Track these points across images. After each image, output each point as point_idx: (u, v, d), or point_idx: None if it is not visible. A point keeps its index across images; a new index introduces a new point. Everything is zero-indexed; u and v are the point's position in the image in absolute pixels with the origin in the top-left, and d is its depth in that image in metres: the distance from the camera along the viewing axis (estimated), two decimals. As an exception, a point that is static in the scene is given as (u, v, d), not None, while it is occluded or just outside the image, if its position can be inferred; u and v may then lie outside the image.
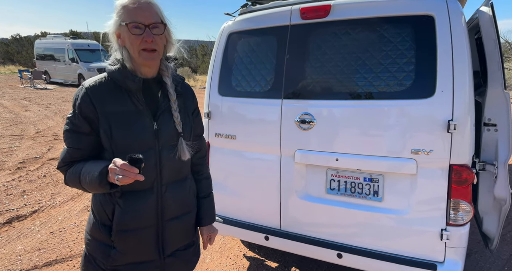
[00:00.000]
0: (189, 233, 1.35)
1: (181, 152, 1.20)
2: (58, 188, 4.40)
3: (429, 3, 1.81)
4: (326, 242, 2.11)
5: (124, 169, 0.95)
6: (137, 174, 0.96)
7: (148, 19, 1.06)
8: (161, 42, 1.12)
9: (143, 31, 1.06)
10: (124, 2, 1.07)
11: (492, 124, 2.01)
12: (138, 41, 1.06)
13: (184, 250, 1.33)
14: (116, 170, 0.96)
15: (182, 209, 1.28)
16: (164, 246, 1.24)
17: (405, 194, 1.90)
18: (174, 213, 1.25)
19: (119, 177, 0.95)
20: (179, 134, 1.20)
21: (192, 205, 1.34)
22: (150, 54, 1.09)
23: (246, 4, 2.52)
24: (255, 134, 2.25)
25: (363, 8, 1.94)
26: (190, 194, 1.33)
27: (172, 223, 1.25)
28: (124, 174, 0.95)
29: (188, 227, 1.34)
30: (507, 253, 2.86)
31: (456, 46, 1.73)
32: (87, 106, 1.09)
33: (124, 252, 1.18)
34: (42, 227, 3.37)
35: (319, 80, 2.07)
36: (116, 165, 0.97)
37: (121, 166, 0.95)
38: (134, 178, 0.96)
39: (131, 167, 0.95)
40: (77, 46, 17.96)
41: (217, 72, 2.42)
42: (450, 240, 1.81)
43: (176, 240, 1.28)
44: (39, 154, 5.86)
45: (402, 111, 1.83)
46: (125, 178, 0.95)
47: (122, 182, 0.96)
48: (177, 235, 1.28)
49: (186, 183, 1.30)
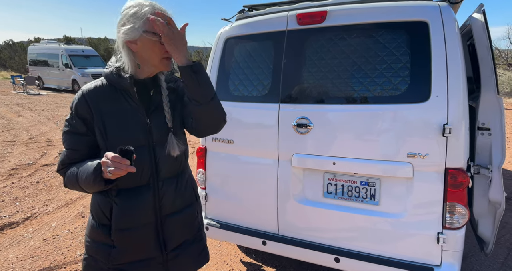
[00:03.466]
0: (192, 227, 1.34)
1: (171, 148, 1.22)
2: (51, 194, 4.33)
3: (423, 9, 1.84)
4: (324, 247, 2.10)
5: (116, 161, 0.96)
6: (128, 165, 0.97)
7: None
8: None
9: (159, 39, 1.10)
10: (144, 11, 1.08)
11: (486, 128, 2.05)
12: (160, 50, 1.12)
13: (189, 246, 1.32)
14: (108, 162, 0.98)
15: (181, 203, 1.29)
16: (166, 242, 1.24)
17: (401, 198, 1.92)
18: (174, 207, 1.26)
19: (111, 169, 0.96)
20: (169, 129, 1.22)
21: (191, 198, 1.34)
22: (169, 62, 1.17)
23: (243, 10, 2.54)
24: (252, 139, 2.26)
25: (358, 14, 1.98)
26: (189, 187, 1.33)
27: (172, 218, 1.25)
28: (115, 165, 0.96)
29: (190, 221, 1.33)
30: (502, 256, 2.88)
31: (450, 52, 1.77)
32: (82, 107, 1.14)
33: (124, 250, 1.18)
34: (35, 234, 3.30)
35: (316, 85, 2.09)
36: (108, 158, 0.98)
37: (112, 158, 0.97)
38: (125, 170, 0.97)
39: (122, 159, 0.97)
40: (71, 52, 17.88)
41: (214, 77, 2.43)
42: (447, 243, 1.82)
43: (178, 235, 1.28)
44: (32, 160, 5.78)
45: (398, 116, 1.85)
46: (117, 170, 0.96)
47: (114, 174, 0.97)
48: (179, 230, 1.28)
49: (184, 177, 1.31)
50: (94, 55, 19.01)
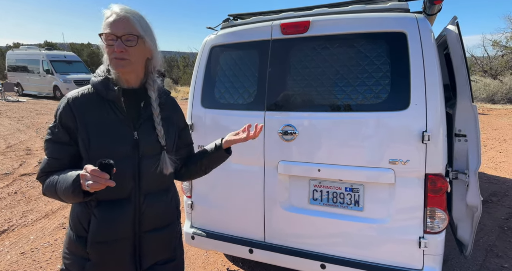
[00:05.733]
0: (170, 247, 1.32)
1: (163, 165, 1.21)
2: (30, 205, 4.18)
3: (401, 21, 1.92)
4: (310, 253, 2.12)
5: (95, 175, 0.94)
6: (107, 180, 0.95)
7: (121, 31, 1.10)
8: (136, 53, 1.14)
9: (116, 41, 1.10)
10: (106, 15, 1.13)
11: (462, 135, 2.13)
12: (110, 51, 1.12)
13: (164, 265, 1.29)
14: (86, 176, 0.96)
15: (162, 220, 1.26)
16: (142, 259, 1.22)
17: (384, 203, 1.96)
18: (153, 224, 1.23)
19: (89, 182, 0.94)
20: (162, 147, 1.21)
21: (173, 217, 1.32)
22: (119, 62, 1.12)
23: (228, 19, 2.57)
24: (238, 146, 2.26)
25: (340, 25, 2.04)
26: (172, 205, 1.32)
27: (150, 235, 1.23)
28: (94, 179, 0.94)
29: (169, 240, 1.31)
30: (480, 258, 2.97)
31: (427, 61, 1.84)
32: (67, 116, 1.12)
33: (99, 264, 1.16)
34: (12, 247, 3.17)
35: (301, 93, 2.12)
36: (87, 171, 0.96)
37: (91, 171, 0.95)
38: (104, 184, 0.95)
39: (101, 173, 0.95)
40: (53, 57, 17.48)
41: (200, 85, 2.44)
42: (428, 247, 1.87)
43: (154, 253, 1.25)
44: (10, 169, 5.57)
45: (380, 123, 1.91)
46: (95, 184, 0.94)
47: (92, 188, 0.95)
48: (156, 248, 1.26)
49: (168, 194, 1.29)
50: (76, 61, 18.63)
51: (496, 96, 14.34)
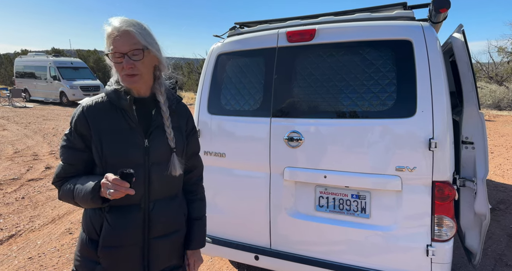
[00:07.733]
0: (177, 253, 1.34)
1: (172, 167, 1.23)
2: (37, 210, 4.21)
3: (407, 29, 1.94)
4: (316, 260, 2.10)
5: (116, 184, 1.00)
6: (128, 188, 1.01)
7: (126, 47, 1.11)
8: (144, 66, 1.16)
9: (123, 58, 1.12)
10: (107, 32, 1.13)
11: (470, 142, 2.12)
12: (119, 68, 1.14)
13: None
14: (108, 184, 1.02)
15: (170, 227, 1.28)
16: (150, 265, 1.24)
17: (391, 211, 1.95)
18: (162, 230, 1.25)
19: (111, 191, 1.00)
20: (171, 149, 1.23)
21: (181, 223, 1.34)
22: (131, 79, 1.15)
23: (234, 27, 2.61)
24: (244, 152, 2.28)
25: (346, 33, 2.06)
26: (180, 213, 1.33)
27: (159, 241, 1.24)
28: (116, 188, 1.00)
29: (176, 247, 1.32)
30: (489, 267, 2.93)
31: (433, 69, 1.85)
32: (82, 124, 1.16)
33: (108, 268, 1.18)
34: (20, 252, 3.19)
35: (306, 100, 2.14)
36: (108, 180, 1.02)
37: (113, 180, 1.01)
38: (125, 192, 1.01)
39: (122, 181, 1.01)
40: (60, 64, 17.75)
41: (206, 92, 2.47)
42: (436, 255, 1.85)
43: (163, 259, 1.27)
44: (17, 175, 5.63)
45: (386, 130, 1.91)
46: (116, 192, 1.00)
47: (113, 196, 1.01)
48: (164, 254, 1.27)
49: (176, 201, 1.31)
50: (83, 67, 18.90)
51: (502, 103, 14.25)
